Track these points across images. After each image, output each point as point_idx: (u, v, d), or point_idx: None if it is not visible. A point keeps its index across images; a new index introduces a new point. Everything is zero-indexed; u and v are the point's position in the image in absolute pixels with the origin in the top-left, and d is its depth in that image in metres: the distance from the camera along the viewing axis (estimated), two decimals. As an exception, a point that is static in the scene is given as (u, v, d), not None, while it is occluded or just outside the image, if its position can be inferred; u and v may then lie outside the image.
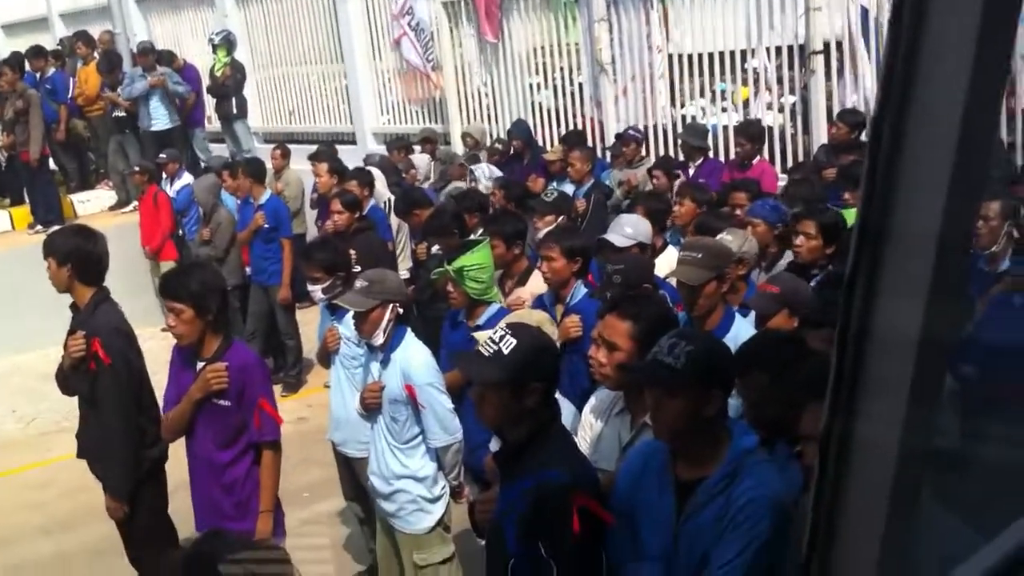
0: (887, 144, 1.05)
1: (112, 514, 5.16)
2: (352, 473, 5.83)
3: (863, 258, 1.09)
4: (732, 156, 8.97)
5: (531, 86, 11.68)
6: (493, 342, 3.20)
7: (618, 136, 9.74)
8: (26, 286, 11.04)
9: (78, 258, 5.03)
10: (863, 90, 8.65)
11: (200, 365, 4.64)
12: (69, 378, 5.18)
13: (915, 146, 1.04)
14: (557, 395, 3.81)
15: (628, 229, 5.90)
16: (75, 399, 5.34)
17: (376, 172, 9.66)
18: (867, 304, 1.09)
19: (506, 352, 3.14)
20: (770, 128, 9.11)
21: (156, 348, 5.18)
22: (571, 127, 11.04)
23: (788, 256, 5.90)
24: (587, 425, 3.87)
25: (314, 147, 11.56)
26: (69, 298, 5.18)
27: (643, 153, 9.57)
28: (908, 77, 1.02)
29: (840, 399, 1.12)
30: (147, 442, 5.11)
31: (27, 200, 13.90)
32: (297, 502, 6.95)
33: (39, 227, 13.29)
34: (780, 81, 9.42)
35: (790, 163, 8.95)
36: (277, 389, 9.45)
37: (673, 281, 5.83)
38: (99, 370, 5.00)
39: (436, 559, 4.98)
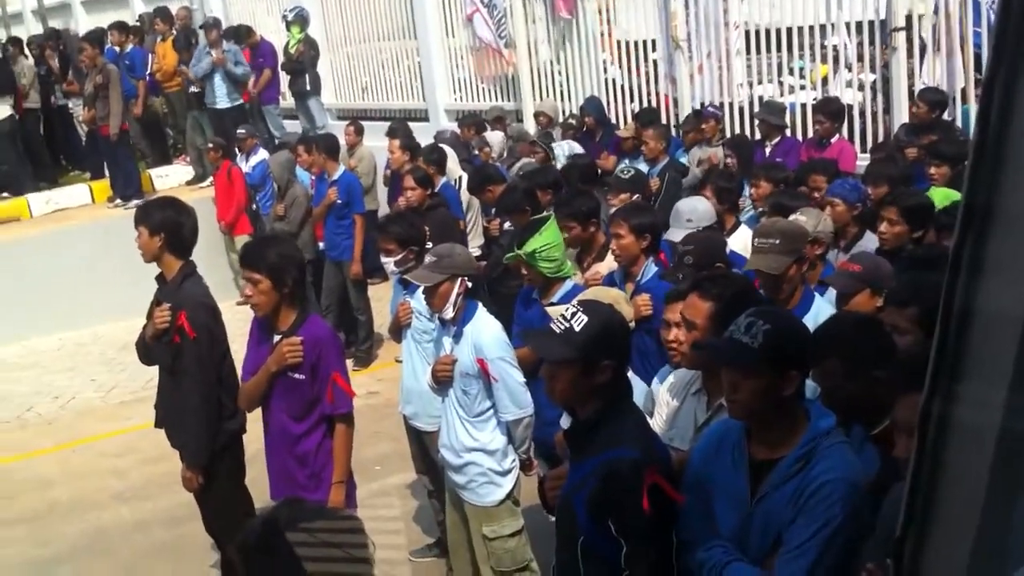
0: (996, 119, 1.01)
1: (187, 484, 5.23)
2: (422, 446, 5.87)
3: (968, 237, 1.04)
4: (810, 135, 8.82)
5: (604, 63, 11.59)
6: (565, 319, 3.19)
7: (696, 113, 9.62)
8: (106, 258, 11.38)
9: (171, 229, 5.10)
10: (947, 67, 8.43)
11: (277, 338, 4.68)
12: (152, 348, 5.26)
13: None
14: (629, 373, 3.79)
15: (687, 219, 5.84)
16: (154, 369, 5.43)
17: (447, 149, 9.68)
18: (971, 284, 1.05)
19: (577, 329, 3.13)
20: (849, 107, 8.93)
21: (230, 322, 5.26)
22: (644, 104, 10.94)
23: (868, 236, 5.79)
24: (663, 403, 3.84)
25: (386, 124, 11.61)
26: (149, 270, 5.25)
27: (723, 131, 9.46)
28: (1020, 48, 0.98)
29: (941, 380, 1.08)
30: (226, 415, 5.18)
31: (107, 174, 14.18)
32: (368, 475, 7.03)
33: (118, 201, 13.57)
34: (860, 58, 9.22)
35: (869, 143, 8.76)
36: (348, 363, 9.61)
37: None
38: (183, 343, 5.06)
39: (505, 532, 5.00)
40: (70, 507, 7.56)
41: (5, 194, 14.19)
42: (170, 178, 14.79)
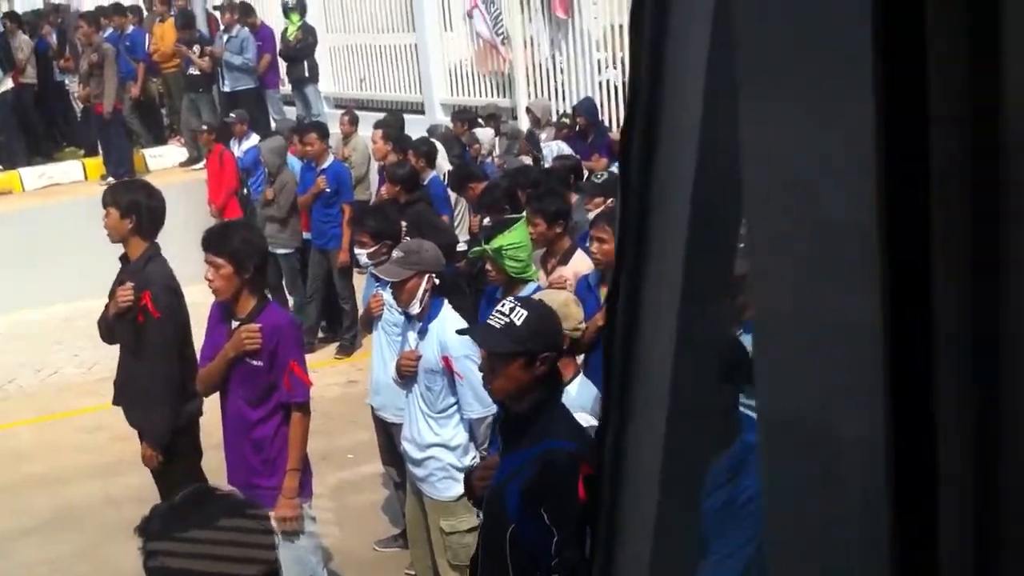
0: None
1: (147, 463, 5.33)
2: (390, 438, 5.89)
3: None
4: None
5: (599, 63, 11.58)
6: (503, 314, 3.29)
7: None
8: (96, 234, 11.32)
9: (141, 212, 5.21)
10: None
11: (235, 324, 4.72)
12: (114, 327, 5.34)
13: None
14: (584, 378, 3.83)
15: None
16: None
17: (438, 144, 9.70)
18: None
19: (518, 324, 3.23)
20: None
21: (205, 304, 5.30)
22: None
23: None
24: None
25: (382, 115, 11.63)
26: None
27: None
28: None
29: (611, 400, 1.06)
30: (186, 396, 5.24)
31: (100, 151, 14.20)
32: (340, 463, 7.06)
33: (110, 179, 13.56)
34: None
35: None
36: (331, 351, 9.66)
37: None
38: (146, 322, 5.15)
39: (462, 527, 5.03)
40: (42, 480, 7.60)
41: (-1, 166, 14.23)
42: (164, 158, 14.81)
